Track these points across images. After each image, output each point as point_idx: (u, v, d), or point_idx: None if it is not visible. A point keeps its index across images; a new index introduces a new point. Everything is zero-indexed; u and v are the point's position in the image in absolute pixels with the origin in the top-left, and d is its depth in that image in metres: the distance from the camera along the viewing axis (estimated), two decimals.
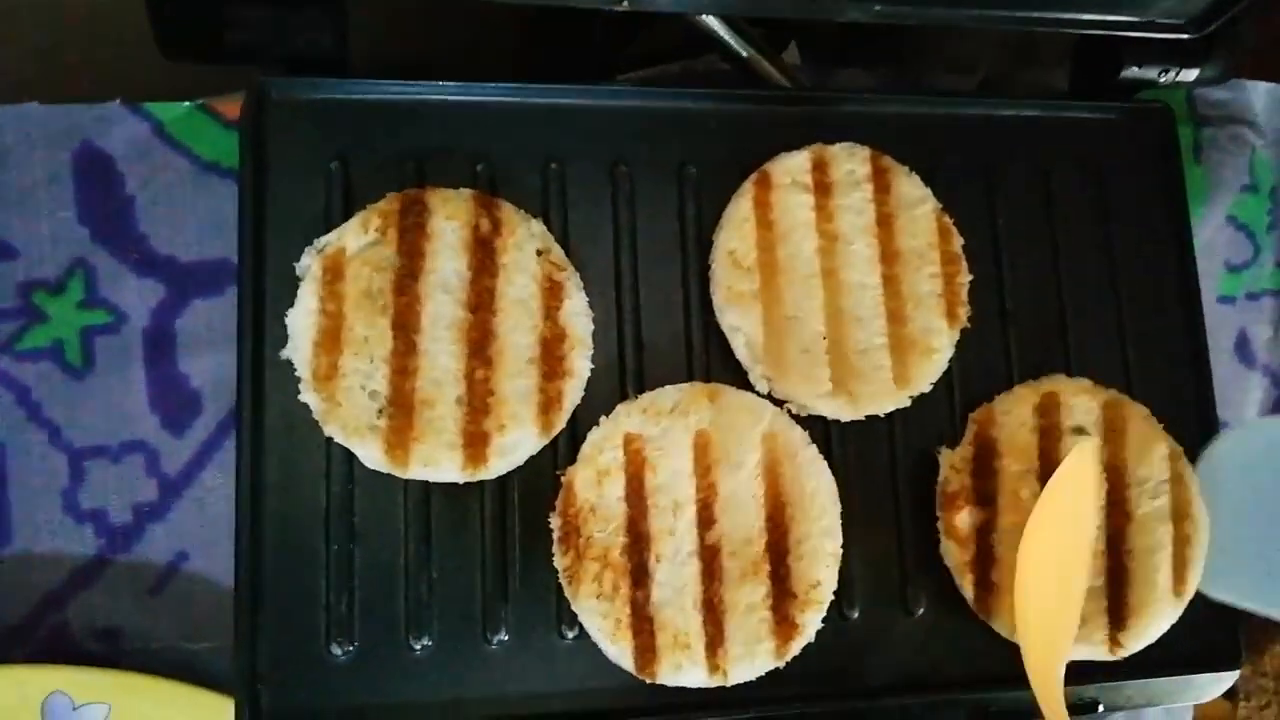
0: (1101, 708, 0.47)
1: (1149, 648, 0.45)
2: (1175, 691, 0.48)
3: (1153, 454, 0.46)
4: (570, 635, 0.43)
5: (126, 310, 0.48)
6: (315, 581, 0.41)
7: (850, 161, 0.47)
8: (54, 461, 0.46)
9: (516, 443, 0.42)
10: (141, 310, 0.48)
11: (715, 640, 0.41)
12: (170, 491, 0.47)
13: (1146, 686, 0.47)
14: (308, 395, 0.41)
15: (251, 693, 0.40)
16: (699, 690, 0.41)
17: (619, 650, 0.41)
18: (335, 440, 0.41)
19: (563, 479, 0.42)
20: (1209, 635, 0.48)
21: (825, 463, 0.43)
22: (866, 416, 0.45)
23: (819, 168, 0.46)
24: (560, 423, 0.43)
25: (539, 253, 0.44)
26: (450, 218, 0.43)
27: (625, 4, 0.42)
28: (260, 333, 0.42)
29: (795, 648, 0.42)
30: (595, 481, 0.42)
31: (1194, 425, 0.50)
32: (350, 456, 0.42)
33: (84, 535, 0.46)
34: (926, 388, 0.46)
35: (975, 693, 0.45)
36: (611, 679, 0.42)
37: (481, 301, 0.42)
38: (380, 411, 0.41)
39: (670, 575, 0.41)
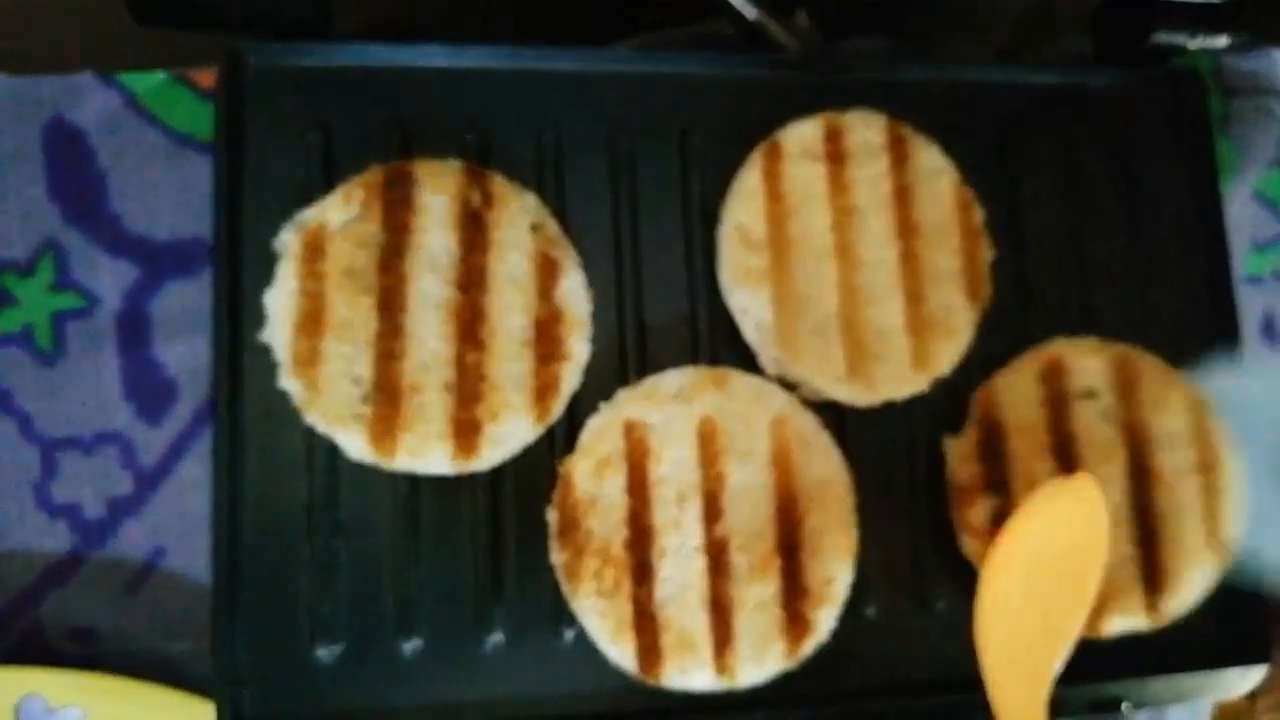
0: (1125, 705, 0.45)
1: (1176, 642, 0.44)
2: (1202, 687, 0.46)
3: (1170, 405, 0.44)
4: (569, 636, 0.41)
5: (99, 293, 0.46)
6: (298, 578, 0.40)
7: (866, 130, 0.45)
8: (25, 453, 0.45)
9: (510, 431, 0.40)
10: (114, 293, 0.46)
11: (723, 640, 0.39)
12: (146, 485, 0.45)
13: (1173, 682, 0.45)
14: (287, 381, 0.40)
15: (233, 696, 0.39)
16: (705, 693, 0.40)
17: (620, 651, 0.39)
18: (318, 430, 0.40)
19: (560, 470, 0.41)
20: (1236, 628, 0.46)
21: (839, 451, 0.42)
22: (883, 402, 0.43)
23: (832, 137, 0.45)
24: (557, 410, 0.41)
25: (533, 228, 0.42)
26: (438, 191, 0.41)
27: None
28: (237, 315, 0.41)
29: (808, 647, 0.40)
30: (595, 472, 0.40)
31: None
32: (334, 447, 0.40)
33: (57, 531, 0.45)
34: (947, 371, 0.44)
35: None
36: (612, 682, 0.40)
37: (472, 280, 0.41)
38: (364, 399, 0.40)
39: (675, 571, 0.40)
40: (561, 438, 0.42)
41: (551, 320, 0.41)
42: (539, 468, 0.42)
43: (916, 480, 0.44)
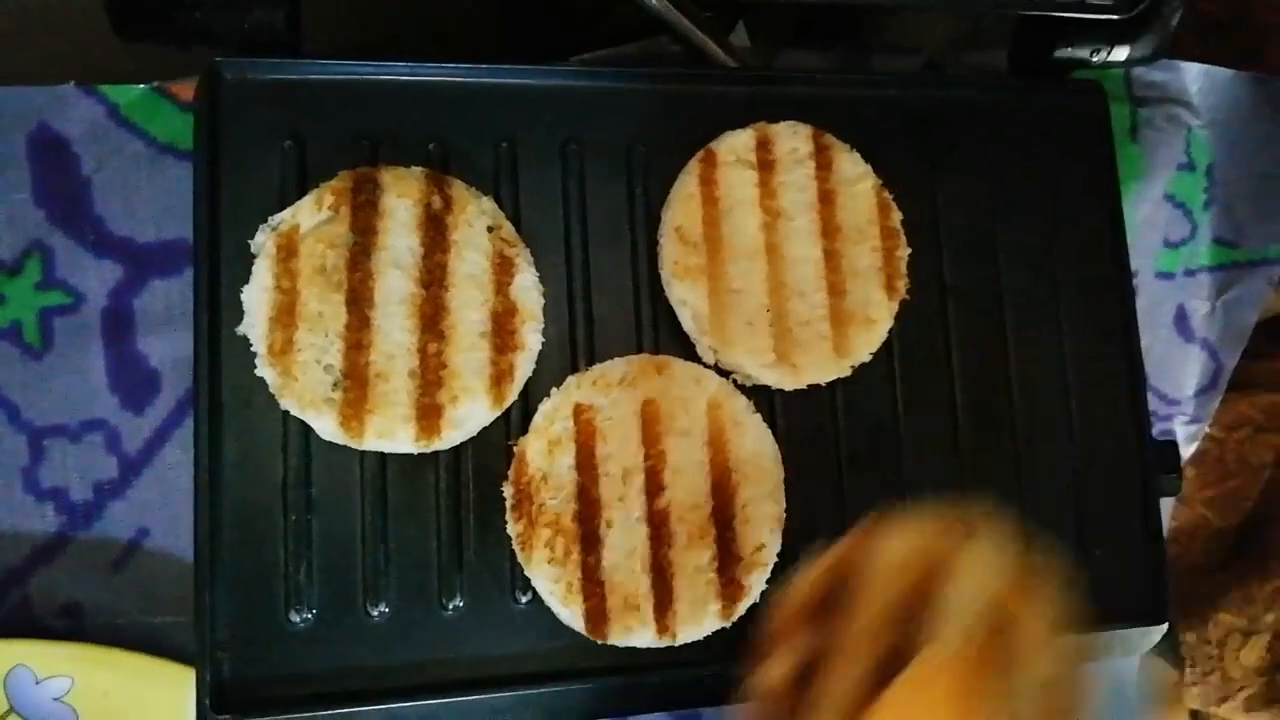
0: None
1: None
2: (1108, 646, 0.50)
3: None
4: (524, 600, 0.44)
5: (84, 291, 0.48)
6: (274, 551, 0.42)
7: (793, 139, 0.48)
8: (13, 441, 0.47)
9: (469, 414, 0.43)
10: (99, 291, 0.48)
11: (664, 602, 0.42)
12: (130, 469, 0.47)
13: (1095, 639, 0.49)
14: (264, 369, 0.42)
15: (213, 661, 0.41)
16: (649, 650, 0.43)
17: (570, 613, 0.42)
18: (292, 413, 0.42)
19: (515, 449, 0.43)
20: (1137, 589, 0.50)
21: (769, 430, 0.45)
22: (809, 385, 0.46)
23: (763, 145, 0.48)
24: (512, 395, 0.44)
25: (490, 229, 0.44)
26: (402, 195, 0.44)
27: None
28: (216, 309, 0.43)
29: (742, 608, 0.43)
30: (547, 451, 0.43)
31: (1125, 395, 0.52)
32: (307, 429, 0.43)
33: (45, 513, 0.47)
34: (866, 357, 0.47)
35: None
36: (563, 641, 0.43)
37: (434, 277, 0.43)
38: (335, 384, 0.42)
39: (620, 540, 0.42)
40: (516, 420, 0.45)
41: (507, 314, 0.44)
42: (495, 448, 0.44)
43: (840, 456, 0.48)
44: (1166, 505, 0.59)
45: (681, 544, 0.43)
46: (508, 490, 0.43)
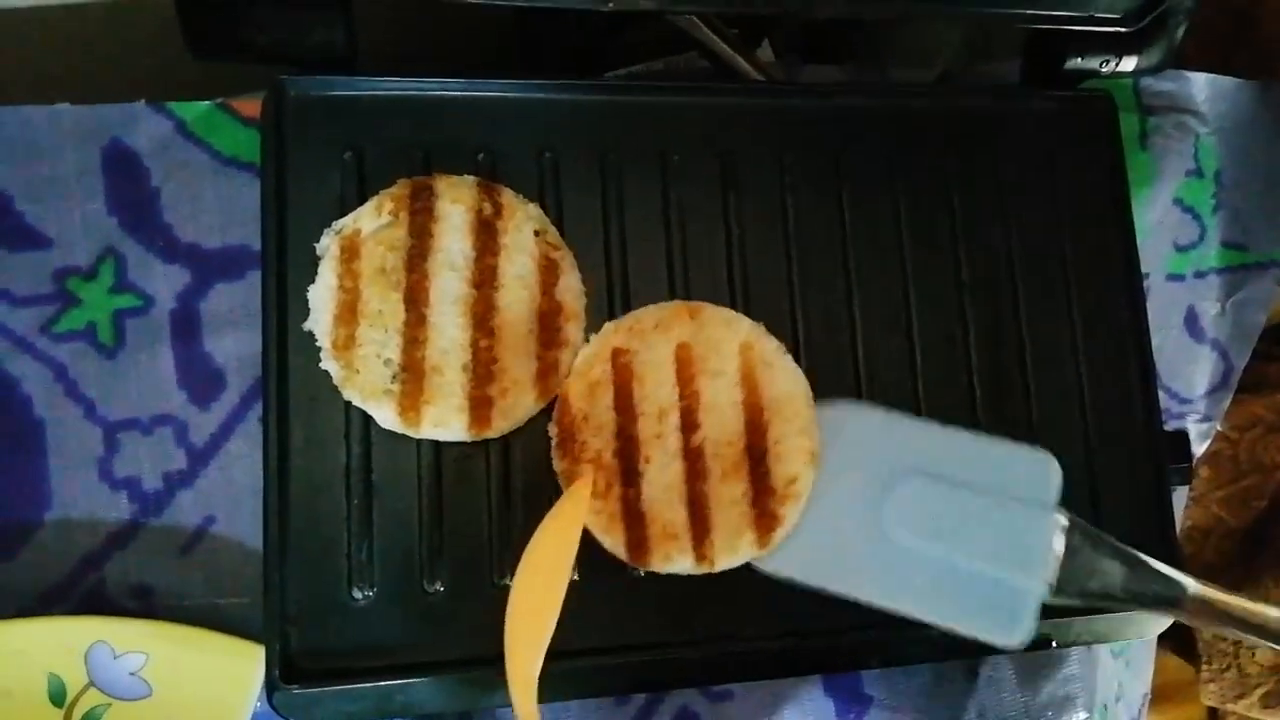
0: (1054, 644, 0.51)
1: None
2: (1119, 628, 0.52)
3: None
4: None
5: (154, 294, 0.50)
6: (337, 533, 0.45)
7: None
8: (89, 434, 0.49)
9: (517, 405, 0.45)
10: (168, 294, 0.50)
11: (701, 532, 0.44)
12: (198, 460, 0.50)
13: (1091, 623, 0.51)
14: (328, 363, 0.45)
15: (282, 635, 0.44)
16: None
17: (613, 541, 0.45)
18: (354, 404, 0.45)
19: (558, 393, 0.46)
20: None
21: (799, 370, 0.47)
22: None
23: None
24: (556, 387, 0.46)
25: (536, 233, 0.47)
26: (456, 201, 0.46)
27: (611, 4, 0.46)
28: (284, 308, 0.45)
29: (778, 538, 0.45)
30: (587, 393, 0.45)
31: (1138, 399, 0.54)
32: (368, 419, 0.45)
33: (118, 501, 0.49)
34: None
35: None
36: (607, 613, 0.46)
37: (485, 278, 0.46)
38: (394, 377, 0.44)
39: (658, 475, 0.45)
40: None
41: (552, 313, 0.46)
42: (541, 438, 0.47)
43: (860, 391, 0.50)
44: (1180, 504, 0.61)
45: (716, 478, 0.45)
46: (553, 430, 0.46)
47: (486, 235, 0.46)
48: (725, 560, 0.45)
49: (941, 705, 0.53)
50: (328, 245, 0.46)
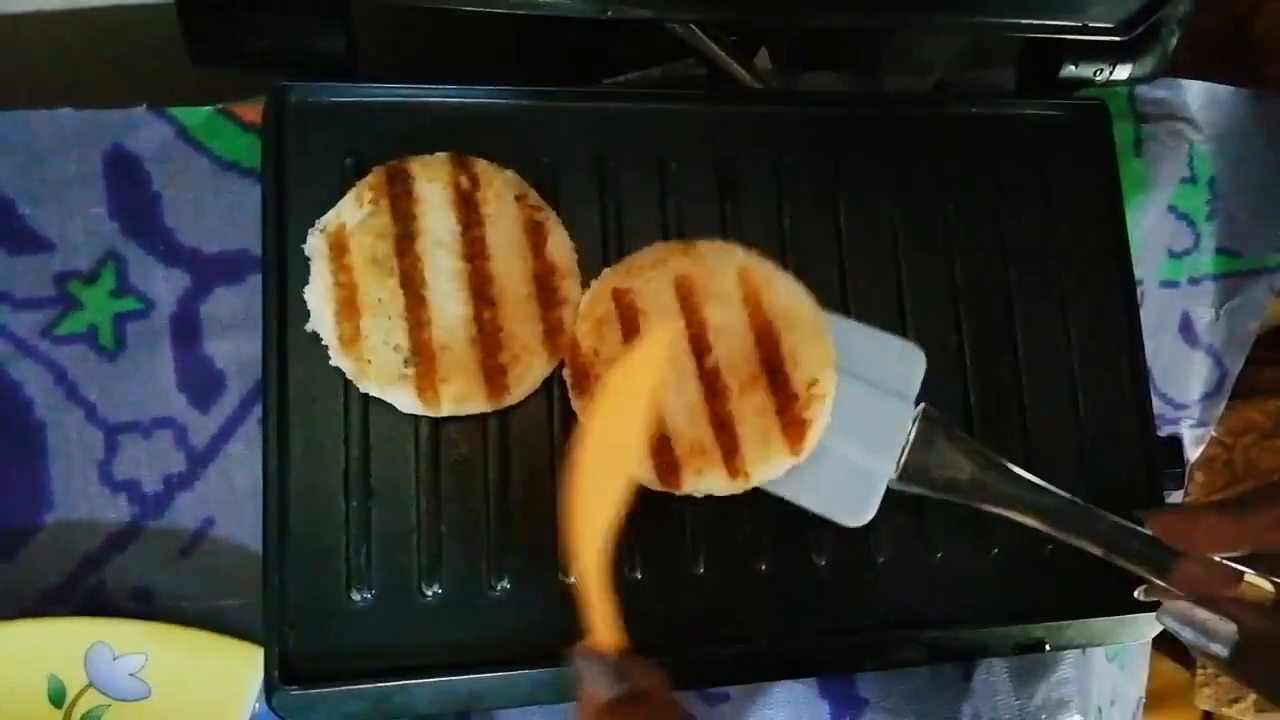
0: (1048, 647, 0.51)
1: (1087, 589, 0.50)
2: (1114, 630, 0.52)
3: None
4: (568, 580, 0.46)
5: (155, 298, 0.51)
6: (336, 536, 0.45)
7: None
8: (90, 436, 0.49)
9: (529, 368, 0.46)
10: (168, 297, 0.51)
11: (730, 449, 0.45)
12: (197, 463, 0.50)
13: (1086, 626, 0.51)
14: (338, 359, 0.45)
15: (281, 636, 0.44)
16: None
17: (643, 470, 0.45)
18: (372, 394, 0.45)
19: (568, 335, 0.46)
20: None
21: (799, 283, 0.48)
22: None
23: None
24: (565, 345, 0.47)
25: (517, 198, 0.48)
26: (432, 180, 0.47)
27: (609, 12, 0.47)
28: (283, 312, 0.46)
29: (810, 442, 0.45)
30: (595, 331, 0.46)
31: (1132, 404, 0.54)
32: (367, 423, 0.46)
33: (118, 503, 0.49)
34: None
35: None
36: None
37: (475, 250, 0.46)
38: (406, 361, 0.45)
39: (677, 399, 0.45)
40: None
41: (546, 273, 0.47)
42: (542, 425, 0.47)
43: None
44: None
45: (736, 394, 0.45)
46: (567, 375, 0.46)
47: (468, 208, 0.47)
48: (760, 471, 0.45)
49: (936, 708, 0.53)
50: (315, 244, 0.46)
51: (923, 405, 0.47)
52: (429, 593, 0.46)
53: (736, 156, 0.52)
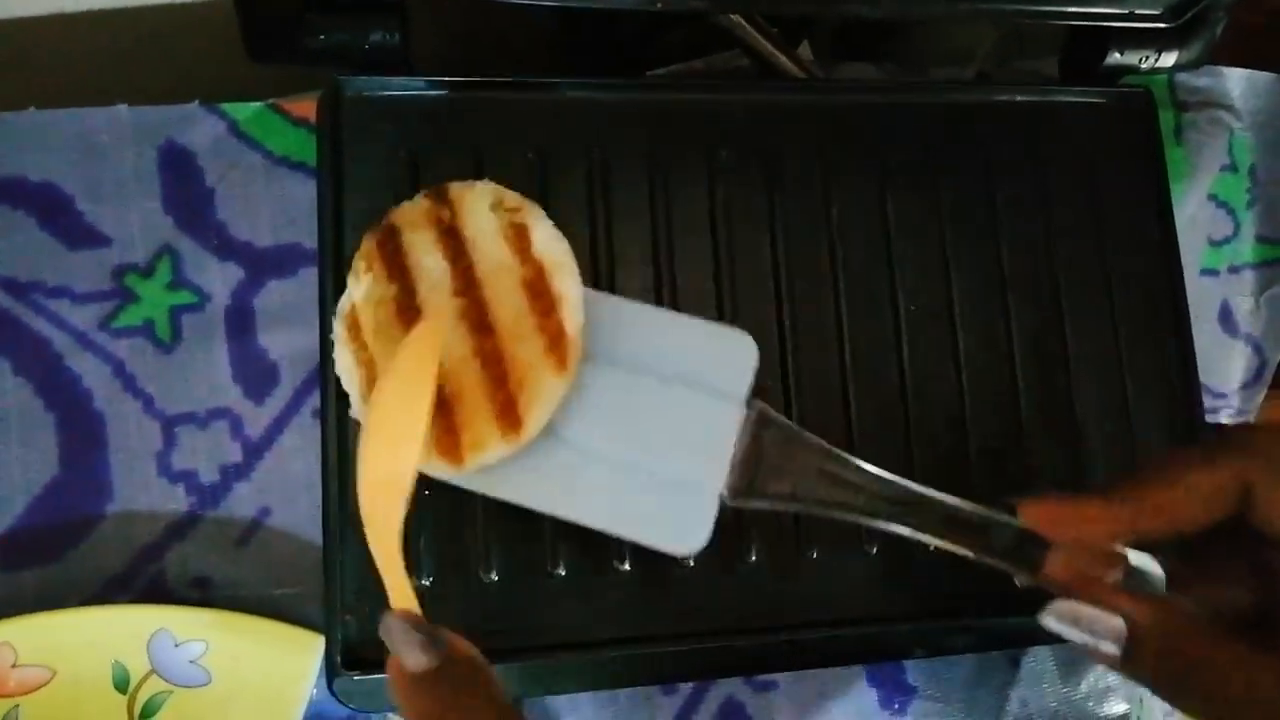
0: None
1: None
2: None
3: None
4: (623, 567, 0.47)
5: (209, 291, 0.51)
6: None
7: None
8: (148, 428, 0.50)
9: (539, 389, 0.42)
10: (223, 291, 0.51)
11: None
12: (253, 453, 0.51)
13: None
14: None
15: (342, 622, 0.45)
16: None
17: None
18: None
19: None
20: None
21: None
22: None
23: None
24: (573, 353, 0.42)
25: (492, 208, 0.45)
26: (414, 229, 0.45)
27: (660, 4, 0.47)
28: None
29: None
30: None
31: (1180, 393, 0.54)
32: None
33: (176, 494, 0.50)
34: None
35: None
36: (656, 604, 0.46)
37: (467, 281, 0.44)
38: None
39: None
40: None
41: (537, 276, 0.43)
42: None
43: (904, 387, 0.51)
44: None
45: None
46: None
47: (452, 240, 0.44)
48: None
49: (984, 696, 0.53)
50: (337, 331, 0.44)
51: (759, 406, 0.41)
52: (488, 578, 0.46)
53: (783, 146, 0.52)
